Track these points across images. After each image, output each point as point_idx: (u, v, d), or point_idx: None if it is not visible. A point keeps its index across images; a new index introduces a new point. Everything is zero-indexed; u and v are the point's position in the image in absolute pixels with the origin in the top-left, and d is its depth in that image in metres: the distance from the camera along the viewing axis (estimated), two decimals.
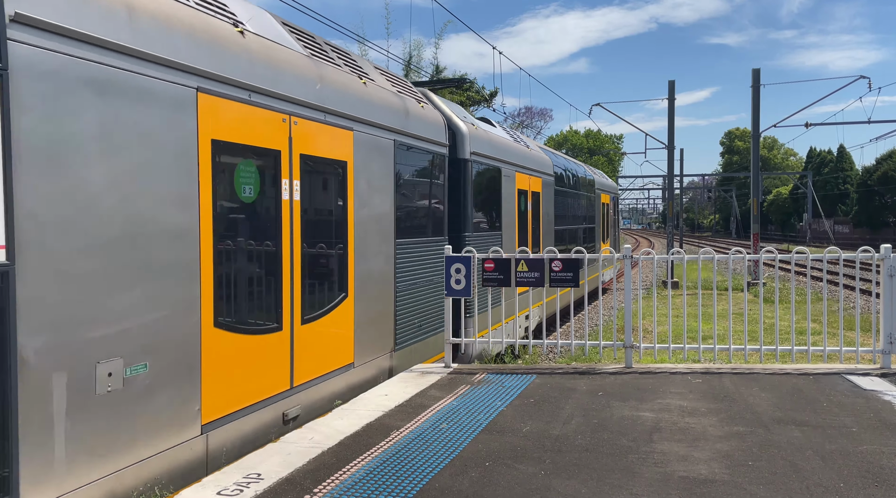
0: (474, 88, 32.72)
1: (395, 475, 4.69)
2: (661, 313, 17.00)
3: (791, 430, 5.56)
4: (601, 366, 8.26)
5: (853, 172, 73.74)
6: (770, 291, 21.22)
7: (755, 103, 24.77)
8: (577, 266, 7.91)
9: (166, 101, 4.74)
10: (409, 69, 28.60)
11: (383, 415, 6.16)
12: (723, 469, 4.71)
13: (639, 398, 6.62)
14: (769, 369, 7.77)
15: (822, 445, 5.17)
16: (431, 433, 5.61)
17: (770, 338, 11.79)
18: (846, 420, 5.80)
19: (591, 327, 16.24)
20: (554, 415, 6.09)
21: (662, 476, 4.60)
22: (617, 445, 5.24)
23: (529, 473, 4.70)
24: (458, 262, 8.14)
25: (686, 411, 6.15)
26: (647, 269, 28.53)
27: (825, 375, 7.47)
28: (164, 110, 4.72)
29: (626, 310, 8.11)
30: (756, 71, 24.57)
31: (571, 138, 74.68)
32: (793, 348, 7.97)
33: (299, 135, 6.27)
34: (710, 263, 22.63)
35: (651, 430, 5.62)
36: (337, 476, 4.68)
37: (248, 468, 4.85)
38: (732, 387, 7.02)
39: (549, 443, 5.32)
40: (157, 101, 4.66)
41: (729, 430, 5.59)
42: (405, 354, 8.59)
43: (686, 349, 8.12)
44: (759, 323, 8.47)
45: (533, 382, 7.40)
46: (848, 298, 21.47)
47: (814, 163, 79.24)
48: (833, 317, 16.11)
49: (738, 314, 14.61)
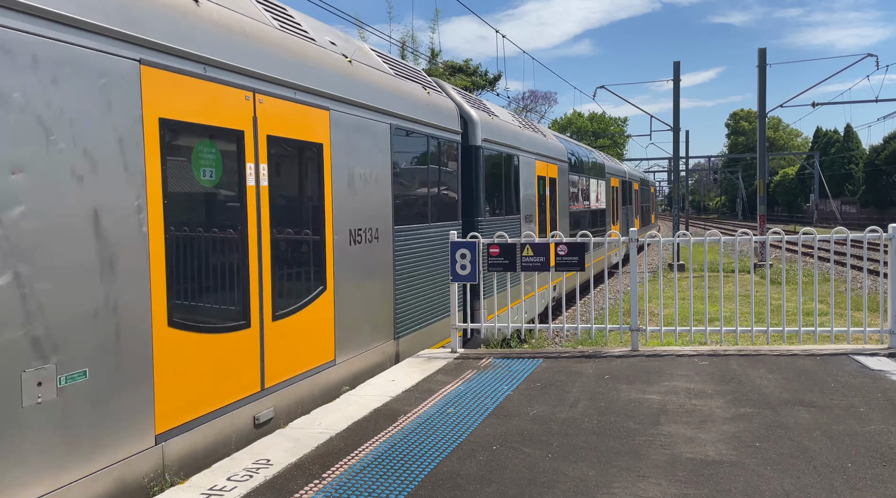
0: (478, 72, 32.56)
1: (403, 459, 4.72)
2: (668, 296, 16.99)
3: (798, 411, 5.57)
4: (608, 349, 8.27)
5: (860, 152, 73.23)
6: (777, 272, 21.16)
7: (761, 83, 24.58)
8: (583, 249, 7.89)
9: (102, 75, 4.23)
10: (404, 52, 28.48)
11: (391, 400, 6.19)
12: (730, 450, 4.72)
13: (645, 381, 6.63)
14: (776, 351, 7.76)
15: (830, 426, 5.17)
16: (439, 418, 5.64)
17: (777, 319, 11.77)
18: (854, 400, 5.80)
19: (597, 311, 16.26)
20: (561, 398, 6.11)
21: (669, 458, 4.61)
22: (624, 428, 5.25)
23: (537, 456, 4.72)
24: (463, 247, 8.13)
25: (693, 393, 6.16)
26: (653, 252, 28.47)
27: (832, 355, 7.46)
28: (99, 86, 4.21)
29: (633, 293, 8.10)
30: (762, 50, 24.35)
31: (576, 121, 74.27)
32: (800, 329, 7.95)
33: (265, 114, 5.77)
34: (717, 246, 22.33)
35: (658, 412, 5.63)
36: (345, 461, 4.71)
37: (258, 454, 4.89)
38: (739, 368, 7.02)
39: (556, 426, 5.34)
40: (90, 76, 4.16)
41: (736, 411, 5.60)
42: (409, 341, 8.53)
43: (693, 332, 8.12)
44: (765, 304, 8.45)
45: (539, 366, 7.41)
46: (855, 279, 21.41)
47: (820, 143, 78.70)
48: (840, 297, 16.07)
49: (745, 296, 14.59)
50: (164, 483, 4.62)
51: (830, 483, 4.16)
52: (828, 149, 76.09)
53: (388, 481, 4.35)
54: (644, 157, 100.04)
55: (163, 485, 4.56)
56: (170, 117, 4.76)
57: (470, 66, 32.27)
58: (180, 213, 4.90)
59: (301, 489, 4.27)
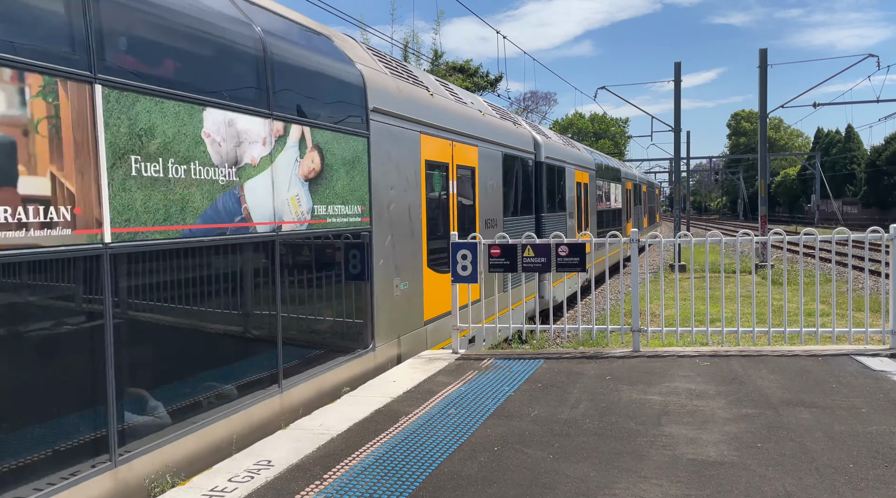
0: (479, 74, 32.57)
1: (404, 460, 4.71)
2: (669, 296, 16.97)
3: (800, 411, 5.56)
4: (609, 350, 8.26)
5: (861, 152, 73.19)
6: (778, 272, 21.13)
7: (762, 84, 24.56)
8: (584, 250, 7.89)
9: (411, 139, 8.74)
10: (406, 53, 28.54)
11: (392, 401, 6.19)
12: (731, 451, 4.72)
13: (647, 382, 6.62)
14: (777, 351, 7.75)
15: (832, 427, 5.16)
16: (440, 419, 5.64)
17: (778, 320, 11.76)
18: (855, 401, 5.79)
19: (598, 311, 16.24)
20: (562, 399, 6.10)
21: (671, 459, 4.61)
22: (625, 429, 5.25)
23: (538, 457, 4.72)
24: (464, 248, 8.13)
25: (694, 394, 6.15)
26: (654, 252, 28.47)
27: (834, 356, 7.45)
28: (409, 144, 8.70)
29: (634, 294, 8.10)
30: (763, 51, 24.34)
31: (577, 122, 74.22)
32: (801, 330, 7.94)
33: (456, 153, 9.76)
34: (718, 246, 22.45)
35: (659, 413, 5.62)
36: (346, 462, 4.71)
37: (259, 455, 4.89)
38: (741, 369, 7.01)
39: (557, 427, 5.33)
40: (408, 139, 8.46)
41: (737, 412, 5.59)
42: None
43: (694, 332, 8.11)
44: (767, 305, 8.43)
45: (540, 366, 7.40)
46: (857, 279, 21.38)
47: (822, 143, 78.66)
48: (842, 298, 16.04)
49: (746, 296, 14.57)
50: (164, 484, 4.62)
51: (832, 484, 4.16)
52: (829, 149, 76.05)
53: (390, 482, 4.35)
54: (645, 158, 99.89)
55: (164, 486, 4.56)
56: (429, 159, 8.72)
57: (471, 66, 32.30)
58: (431, 207, 8.87)
59: (302, 490, 4.27)
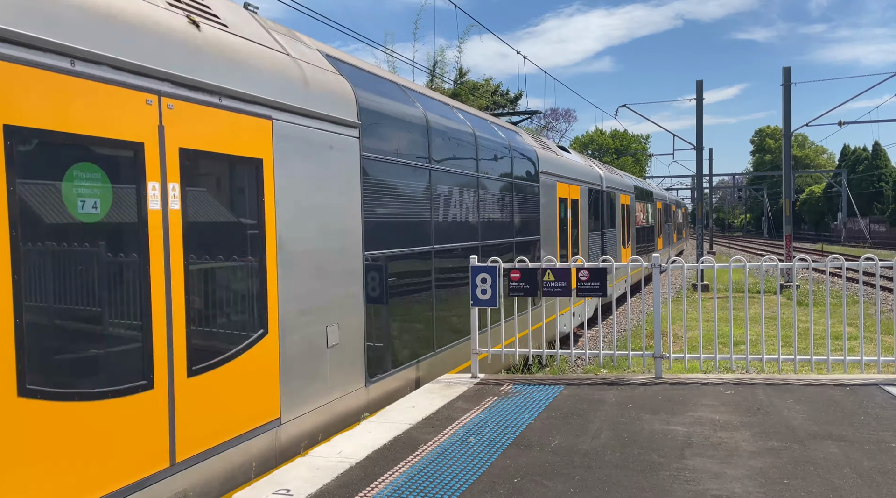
0: (499, 92, 32.68)
1: (423, 492, 4.67)
2: (692, 317, 16.76)
3: (827, 445, 5.43)
4: (630, 376, 8.15)
5: (889, 170, 72.09)
6: (804, 293, 20.80)
7: (786, 102, 24.35)
8: (605, 275, 7.82)
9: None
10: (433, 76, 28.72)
11: (410, 428, 6.15)
12: (757, 487, 4.61)
13: (669, 411, 6.52)
14: (804, 380, 7.60)
15: (860, 462, 5.04)
16: (459, 447, 5.59)
17: (804, 344, 11.54)
18: (884, 435, 5.65)
19: (619, 332, 16.07)
20: (583, 428, 6.02)
21: (695, 495, 4.52)
22: (647, 461, 5.16)
23: (558, 490, 4.65)
24: (483, 272, 8.10)
25: (718, 425, 6.04)
26: (677, 271, 28.19)
27: (862, 385, 7.29)
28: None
29: (656, 320, 8.00)
30: (787, 69, 24.15)
31: (597, 139, 73.98)
32: (828, 358, 7.79)
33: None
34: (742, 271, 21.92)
35: (682, 445, 5.52)
36: (365, 492, 4.68)
37: (278, 483, 4.87)
38: (766, 399, 6.88)
39: (578, 459, 5.26)
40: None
41: (763, 445, 5.48)
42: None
43: (717, 359, 7.98)
44: (792, 328, 8.28)
45: (561, 393, 7.33)
46: (885, 301, 20.95)
47: (848, 160, 77.63)
48: (870, 321, 15.72)
49: (771, 318, 14.33)
50: None
51: None
52: (855, 166, 75.01)
53: None
54: (667, 175, 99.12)
55: None
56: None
57: (491, 84, 32.44)
58: (562, 227, 10.67)
59: None
